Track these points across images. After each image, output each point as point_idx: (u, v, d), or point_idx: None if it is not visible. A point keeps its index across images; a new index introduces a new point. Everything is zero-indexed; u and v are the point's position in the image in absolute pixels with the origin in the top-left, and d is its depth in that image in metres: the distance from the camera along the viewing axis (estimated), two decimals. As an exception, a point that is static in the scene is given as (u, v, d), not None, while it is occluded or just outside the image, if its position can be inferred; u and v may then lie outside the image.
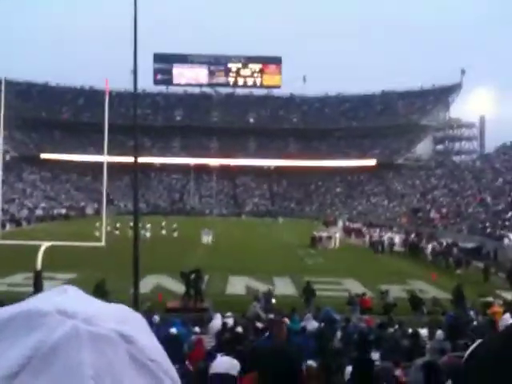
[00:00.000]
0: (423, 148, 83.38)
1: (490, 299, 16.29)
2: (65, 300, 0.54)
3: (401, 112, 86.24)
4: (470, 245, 30.62)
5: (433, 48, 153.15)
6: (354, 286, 20.91)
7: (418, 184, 63.76)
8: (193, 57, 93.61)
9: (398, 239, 36.83)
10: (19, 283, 20.69)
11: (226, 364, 6.50)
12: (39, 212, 59.77)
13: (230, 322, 12.65)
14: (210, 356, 10.08)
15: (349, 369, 6.67)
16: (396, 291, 19.25)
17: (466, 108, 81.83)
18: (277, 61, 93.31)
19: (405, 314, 15.59)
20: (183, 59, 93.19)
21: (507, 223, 32.73)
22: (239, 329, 11.25)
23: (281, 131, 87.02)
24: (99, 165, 54.72)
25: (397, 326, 12.47)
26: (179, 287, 18.27)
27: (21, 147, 77.29)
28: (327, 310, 14.30)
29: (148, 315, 13.65)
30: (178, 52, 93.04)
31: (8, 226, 45.73)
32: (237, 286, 21.28)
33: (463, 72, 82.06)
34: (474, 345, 0.54)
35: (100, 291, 16.35)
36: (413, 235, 36.42)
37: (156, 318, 12.72)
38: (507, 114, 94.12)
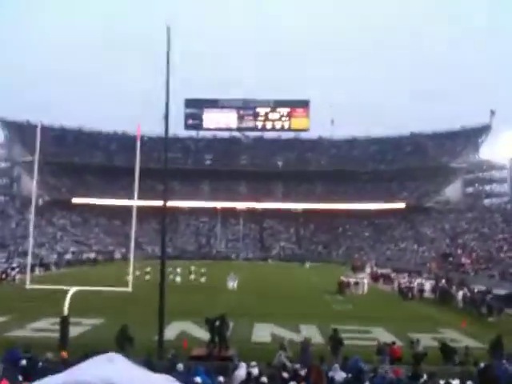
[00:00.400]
0: (453, 191, 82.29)
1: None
2: (111, 371, 0.56)
3: (430, 154, 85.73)
4: (502, 291, 29.73)
5: (461, 87, 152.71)
6: (383, 335, 20.39)
7: (447, 228, 62.68)
8: (222, 101, 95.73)
9: (427, 285, 36.00)
10: (46, 328, 20.84)
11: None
12: (68, 256, 60.65)
13: (255, 371, 12.45)
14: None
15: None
16: (426, 340, 18.70)
17: (496, 149, 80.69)
18: (304, 104, 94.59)
19: (436, 364, 15.09)
20: (213, 104, 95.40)
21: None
22: (264, 379, 11.07)
23: (308, 174, 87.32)
24: (128, 209, 55.62)
25: (426, 377, 12.07)
26: (204, 334, 18.11)
27: (53, 192, 79.26)
28: (356, 359, 13.94)
29: (172, 363, 13.58)
30: (208, 97, 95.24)
31: (37, 270, 46.46)
32: (262, 333, 20.98)
33: (493, 113, 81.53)
34: None
35: (123, 337, 16.36)
36: (443, 281, 35.57)
37: (180, 366, 12.60)
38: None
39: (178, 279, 39.42)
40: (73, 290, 18.41)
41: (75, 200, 78.54)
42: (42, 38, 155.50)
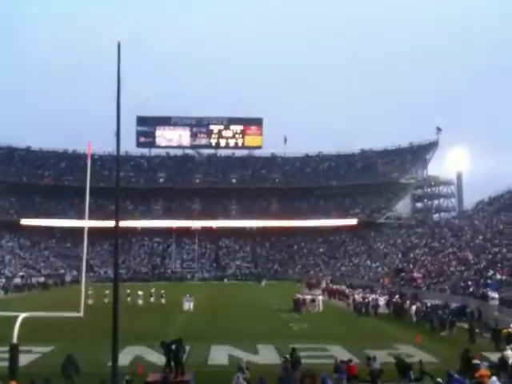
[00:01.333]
0: (403, 206, 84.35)
1: (477, 362, 16.03)
2: None
3: (380, 170, 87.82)
4: (453, 305, 30.46)
5: (409, 107, 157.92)
6: (340, 352, 20.49)
7: (399, 243, 64.03)
8: (175, 119, 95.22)
9: (382, 301, 36.56)
10: (-7, 358, 19.88)
11: None
12: (17, 280, 58.46)
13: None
14: None
15: None
16: (382, 356, 18.89)
17: (444, 165, 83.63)
18: (258, 122, 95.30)
19: (392, 381, 15.25)
20: (166, 121, 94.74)
21: (489, 281, 32.78)
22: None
23: (262, 191, 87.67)
24: (79, 230, 54.23)
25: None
26: (160, 358, 17.71)
27: (1, 213, 76.37)
28: (324, 375, 13.96)
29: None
30: (160, 115, 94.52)
31: (-16, 296, 44.63)
32: (219, 355, 20.69)
33: (439, 130, 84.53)
34: None
35: (69, 365, 15.83)
36: (396, 296, 36.20)
37: (135, 393, 12.25)
38: (483, 170, 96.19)
39: (141, 302, 38.66)
40: (22, 316, 17.69)
41: (24, 221, 75.80)
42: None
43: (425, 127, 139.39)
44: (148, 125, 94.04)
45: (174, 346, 16.30)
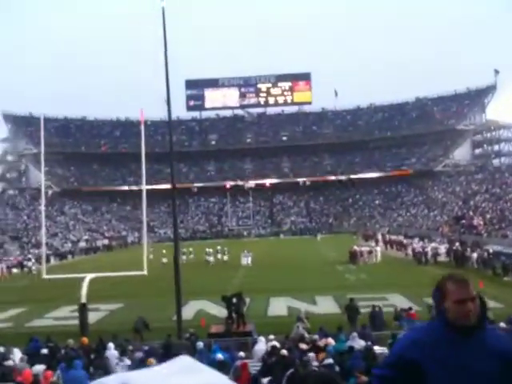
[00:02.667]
0: (462, 153, 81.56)
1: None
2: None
3: (436, 118, 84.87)
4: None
5: (463, 48, 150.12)
6: (400, 301, 20.44)
7: (458, 191, 62.30)
8: (223, 80, 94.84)
9: (442, 249, 35.92)
10: (66, 316, 21.11)
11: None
12: (82, 244, 61.13)
13: (274, 344, 12.52)
14: (256, 381, 10.04)
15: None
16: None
17: (503, 109, 79.88)
18: (306, 77, 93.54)
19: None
20: (214, 83, 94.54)
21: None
22: (284, 351, 11.12)
23: (314, 147, 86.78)
24: (138, 194, 55.98)
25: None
26: (221, 311, 18.26)
27: (62, 182, 79.54)
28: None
29: (192, 342, 13.74)
30: (208, 77, 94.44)
31: (52, 260, 46.95)
32: (279, 307, 21.12)
33: (497, 72, 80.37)
34: None
35: (140, 325, 16.55)
36: (457, 244, 35.48)
37: (200, 344, 12.73)
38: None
39: (211, 259, 39.10)
40: (89, 276, 18.58)
41: (84, 188, 78.79)
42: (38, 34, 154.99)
43: (482, 68, 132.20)
44: (197, 88, 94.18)
45: (234, 300, 16.76)
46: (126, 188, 78.89)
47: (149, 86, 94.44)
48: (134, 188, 70.89)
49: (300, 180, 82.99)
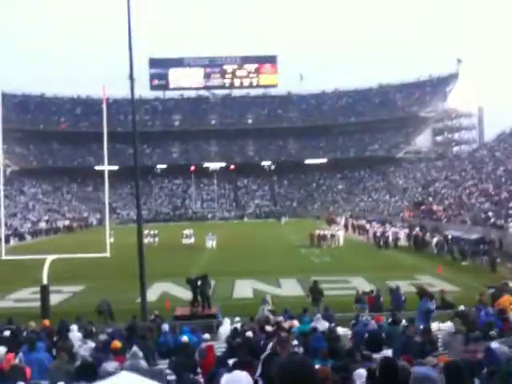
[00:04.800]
0: (423, 140, 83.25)
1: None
2: None
3: (399, 105, 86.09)
4: (473, 236, 30.52)
5: (428, 37, 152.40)
6: (362, 284, 20.85)
7: (419, 177, 63.63)
8: (188, 60, 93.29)
9: (402, 234, 36.77)
10: (26, 298, 20.69)
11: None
12: (42, 225, 59.73)
13: (239, 326, 12.60)
14: (221, 363, 10.07)
15: (360, 371, 6.43)
16: (404, 286, 19.16)
17: (464, 97, 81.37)
18: (272, 60, 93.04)
19: (414, 310, 15.50)
20: (179, 63, 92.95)
21: (511, 212, 32.62)
22: (249, 333, 11.18)
23: (279, 130, 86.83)
24: (100, 174, 54.92)
25: (406, 322, 12.33)
26: (186, 294, 18.23)
27: (21, 160, 77.22)
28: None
29: (157, 324, 13.66)
30: (173, 56, 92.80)
31: (12, 241, 45.79)
32: (244, 289, 21.24)
33: (459, 61, 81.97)
34: None
35: (103, 308, 16.37)
36: (417, 229, 36.34)
37: (165, 326, 12.66)
38: (505, 102, 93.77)
39: (190, 241, 38.34)
40: (50, 258, 18.22)
41: (44, 168, 76.75)
42: None
43: (445, 57, 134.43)
44: (161, 67, 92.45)
45: (199, 282, 16.74)
46: (86, 168, 77.14)
47: (112, 64, 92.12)
48: (96, 168, 69.52)
49: (264, 164, 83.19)
